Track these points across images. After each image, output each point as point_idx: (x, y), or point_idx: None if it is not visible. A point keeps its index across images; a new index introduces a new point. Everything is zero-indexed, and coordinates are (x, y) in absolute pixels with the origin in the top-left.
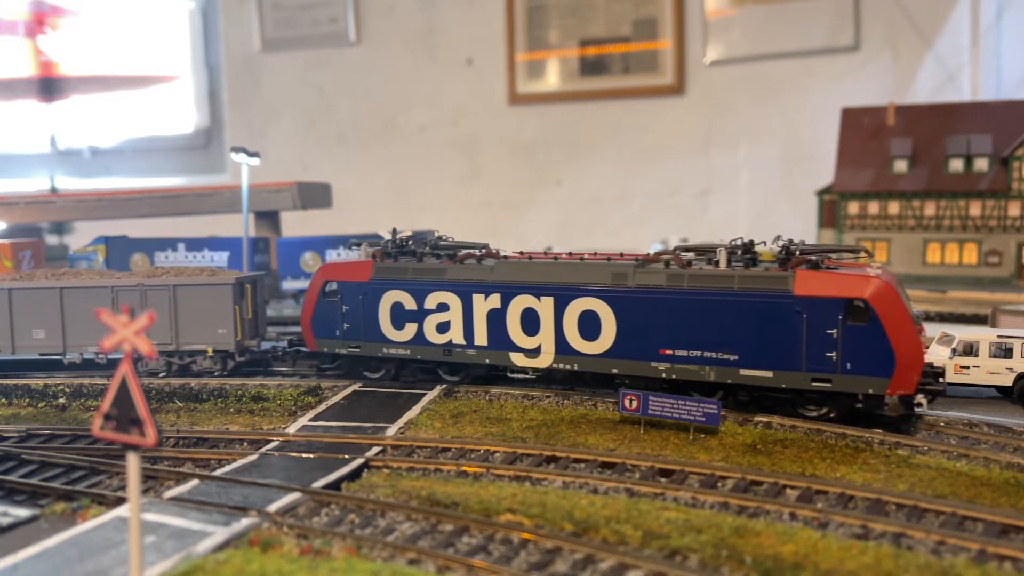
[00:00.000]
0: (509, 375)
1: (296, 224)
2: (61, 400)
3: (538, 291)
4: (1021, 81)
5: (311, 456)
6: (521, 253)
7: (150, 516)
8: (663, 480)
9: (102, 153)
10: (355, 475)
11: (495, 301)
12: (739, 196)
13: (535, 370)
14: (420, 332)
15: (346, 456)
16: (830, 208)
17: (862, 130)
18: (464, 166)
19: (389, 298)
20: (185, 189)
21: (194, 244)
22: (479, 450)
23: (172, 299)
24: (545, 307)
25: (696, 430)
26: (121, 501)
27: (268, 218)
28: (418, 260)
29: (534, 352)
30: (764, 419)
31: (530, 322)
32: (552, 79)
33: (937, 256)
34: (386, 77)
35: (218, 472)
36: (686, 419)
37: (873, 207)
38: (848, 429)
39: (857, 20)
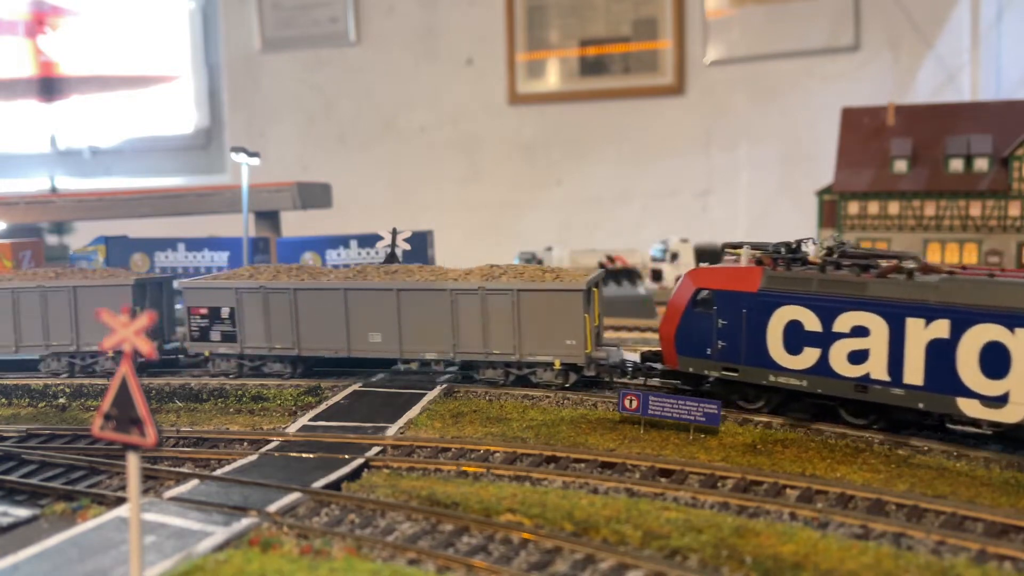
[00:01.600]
0: (949, 426)
1: (296, 224)
2: (61, 400)
3: (1010, 320)
4: (1021, 81)
5: (311, 456)
6: (963, 267)
7: (150, 516)
8: (663, 480)
9: (102, 153)
10: (355, 475)
11: (941, 329)
12: (739, 196)
13: (993, 424)
14: (824, 360)
15: (346, 456)
16: (830, 208)
17: (862, 130)
18: (464, 166)
19: (783, 315)
20: (185, 189)
21: (194, 244)
22: (479, 450)
23: (515, 304)
24: (1021, 342)
25: (696, 430)
26: (121, 501)
27: (268, 218)
28: (820, 270)
29: (998, 401)
30: (764, 419)
31: (994, 360)
32: (552, 79)
33: (937, 256)
34: (386, 77)
35: (218, 472)
36: (686, 419)
37: (873, 207)
38: (848, 429)
39: (857, 20)
